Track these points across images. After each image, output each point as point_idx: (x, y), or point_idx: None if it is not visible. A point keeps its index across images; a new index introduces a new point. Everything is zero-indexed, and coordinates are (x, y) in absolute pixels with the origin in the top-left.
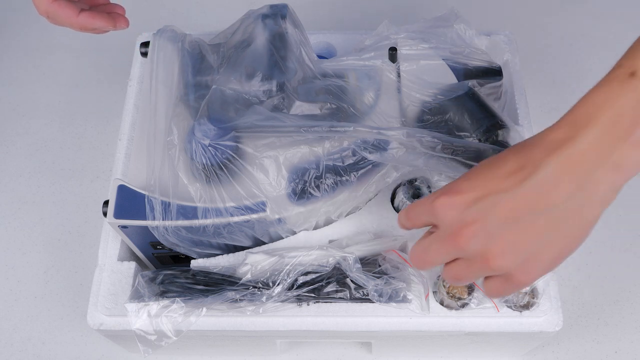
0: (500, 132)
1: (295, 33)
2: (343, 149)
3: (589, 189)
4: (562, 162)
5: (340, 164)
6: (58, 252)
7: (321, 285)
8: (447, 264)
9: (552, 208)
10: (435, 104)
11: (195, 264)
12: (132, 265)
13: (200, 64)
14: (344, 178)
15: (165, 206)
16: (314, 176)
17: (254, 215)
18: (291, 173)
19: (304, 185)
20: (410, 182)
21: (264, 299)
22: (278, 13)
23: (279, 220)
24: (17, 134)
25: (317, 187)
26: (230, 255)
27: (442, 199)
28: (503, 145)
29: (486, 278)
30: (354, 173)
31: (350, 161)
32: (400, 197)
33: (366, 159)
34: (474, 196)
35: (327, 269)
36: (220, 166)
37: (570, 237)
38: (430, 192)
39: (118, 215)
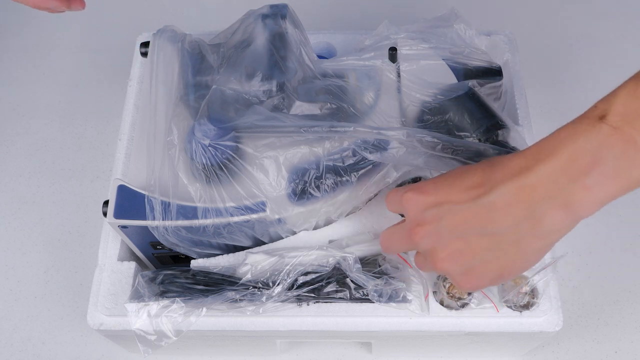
0: (500, 132)
1: (295, 33)
2: (343, 149)
3: (534, 220)
4: (515, 189)
5: (341, 164)
6: (58, 252)
7: (321, 285)
8: (415, 256)
9: (496, 230)
10: (435, 104)
11: (195, 264)
12: (132, 265)
13: (200, 64)
14: (344, 178)
15: (165, 206)
16: (314, 176)
17: (254, 215)
18: (291, 173)
19: (304, 186)
20: (412, 181)
21: (264, 299)
22: (278, 13)
23: (279, 220)
24: (17, 134)
25: (317, 187)
26: (230, 255)
27: (409, 194)
28: (503, 145)
29: None
30: (354, 173)
31: (351, 161)
32: None
33: (366, 159)
34: (434, 199)
35: (327, 269)
36: (220, 166)
37: (507, 263)
38: None
39: (118, 215)
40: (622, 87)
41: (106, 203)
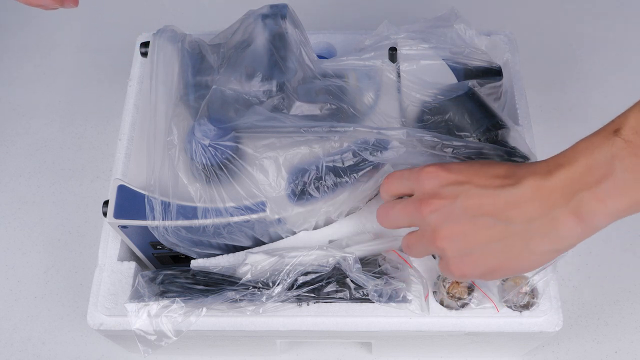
0: (500, 132)
1: (295, 33)
2: (343, 151)
3: (547, 221)
4: (535, 187)
5: (340, 165)
6: (58, 252)
7: (321, 285)
8: (408, 234)
9: (509, 223)
10: (435, 104)
11: (195, 264)
12: (132, 265)
13: (200, 64)
14: (343, 179)
15: (165, 206)
16: (314, 177)
17: (254, 216)
18: (291, 174)
19: (304, 186)
20: None
21: (264, 299)
22: (278, 13)
23: (279, 220)
24: (17, 134)
25: (317, 188)
26: (230, 255)
27: (432, 167)
28: (503, 145)
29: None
30: (354, 174)
31: (350, 162)
32: None
33: (366, 160)
34: (456, 178)
35: (327, 269)
36: (220, 166)
37: (509, 259)
38: None
39: (118, 215)
40: (638, 104)
41: (106, 203)
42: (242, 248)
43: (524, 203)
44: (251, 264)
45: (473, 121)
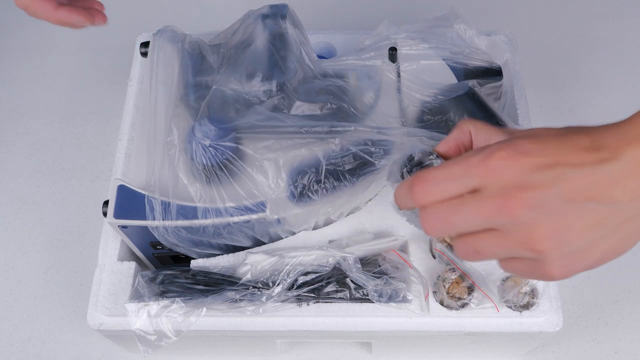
0: None
1: (295, 33)
2: (343, 154)
3: None
4: (638, 158)
5: (341, 168)
6: (58, 252)
7: (321, 285)
8: (465, 234)
9: (614, 203)
10: (435, 104)
11: (195, 264)
12: (132, 265)
13: (201, 64)
14: (343, 182)
15: (165, 206)
16: (313, 180)
17: (254, 216)
18: (291, 175)
19: (304, 189)
20: (408, 162)
21: (264, 299)
22: (278, 13)
23: (279, 220)
24: (17, 134)
25: (317, 190)
26: (230, 255)
27: (505, 151)
28: None
29: (510, 257)
30: (354, 178)
31: (351, 166)
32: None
33: (366, 163)
34: (542, 161)
35: (327, 269)
36: (220, 167)
37: (616, 245)
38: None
39: (118, 215)
40: None
41: (106, 203)
42: (242, 248)
43: (630, 178)
44: (251, 264)
45: None
